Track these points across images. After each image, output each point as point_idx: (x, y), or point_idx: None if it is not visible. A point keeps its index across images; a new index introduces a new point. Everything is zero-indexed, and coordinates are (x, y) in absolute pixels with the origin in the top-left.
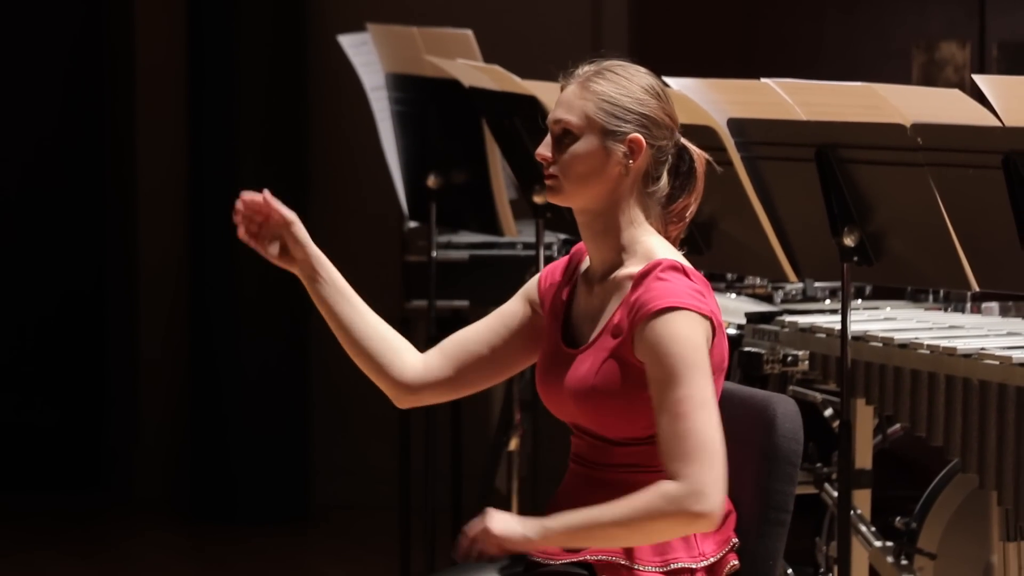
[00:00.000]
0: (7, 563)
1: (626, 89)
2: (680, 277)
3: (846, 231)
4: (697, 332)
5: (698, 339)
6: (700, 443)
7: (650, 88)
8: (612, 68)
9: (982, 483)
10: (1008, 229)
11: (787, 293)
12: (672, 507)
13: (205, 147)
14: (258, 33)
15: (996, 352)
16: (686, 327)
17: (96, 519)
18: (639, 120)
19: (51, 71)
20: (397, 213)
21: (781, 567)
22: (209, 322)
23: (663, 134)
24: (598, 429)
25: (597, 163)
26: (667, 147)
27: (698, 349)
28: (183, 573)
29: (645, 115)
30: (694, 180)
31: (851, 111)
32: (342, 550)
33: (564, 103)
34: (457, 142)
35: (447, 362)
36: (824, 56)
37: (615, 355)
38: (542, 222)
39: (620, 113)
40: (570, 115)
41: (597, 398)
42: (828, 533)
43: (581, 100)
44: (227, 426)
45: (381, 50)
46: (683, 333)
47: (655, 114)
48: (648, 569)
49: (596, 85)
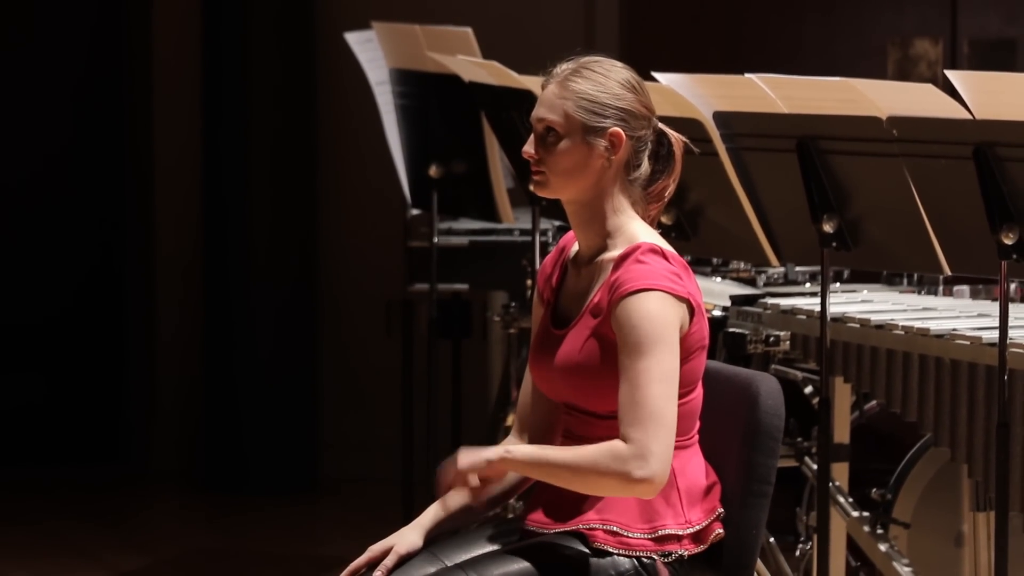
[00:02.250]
0: (34, 531)
1: (603, 86)
2: (659, 260)
3: (825, 218)
4: (667, 312)
5: (667, 318)
6: (653, 413)
7: (626, 82)
8: (589, 65)
9: (953, 456)
10: (978, 216)
11: (769, 277)
12: (616, 465)
13: (219, 139)
14: (269, 30)
15: (967, 333)
16: (656, 306)
17: (115, 490)
18: (618, 114)
19: (71, 64)
20: (401, 201)
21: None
22: (223, 304)
23: (641, 124)
24: (584, 404)
25: (580, 158)
26: (646, 136)
27: (666, 327)
28: (197, 541)
29: (623, 109)
30: (673, 163)
31: (830, 105)
32: (349, 520)
33: (546, 102)
34: (457, 134)
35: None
36: (804, 53)
37: (596, 334)
38: (538, 209)
39: (599, 109)
40: (552, 114)
41: (582, 374)
42: (808, 504)
43: (561, 100)
44: (240, 402)
45: (385, 47)
46: (653, 311)
47: (632, 107)
48: (637, 536)
49: (574, 84)
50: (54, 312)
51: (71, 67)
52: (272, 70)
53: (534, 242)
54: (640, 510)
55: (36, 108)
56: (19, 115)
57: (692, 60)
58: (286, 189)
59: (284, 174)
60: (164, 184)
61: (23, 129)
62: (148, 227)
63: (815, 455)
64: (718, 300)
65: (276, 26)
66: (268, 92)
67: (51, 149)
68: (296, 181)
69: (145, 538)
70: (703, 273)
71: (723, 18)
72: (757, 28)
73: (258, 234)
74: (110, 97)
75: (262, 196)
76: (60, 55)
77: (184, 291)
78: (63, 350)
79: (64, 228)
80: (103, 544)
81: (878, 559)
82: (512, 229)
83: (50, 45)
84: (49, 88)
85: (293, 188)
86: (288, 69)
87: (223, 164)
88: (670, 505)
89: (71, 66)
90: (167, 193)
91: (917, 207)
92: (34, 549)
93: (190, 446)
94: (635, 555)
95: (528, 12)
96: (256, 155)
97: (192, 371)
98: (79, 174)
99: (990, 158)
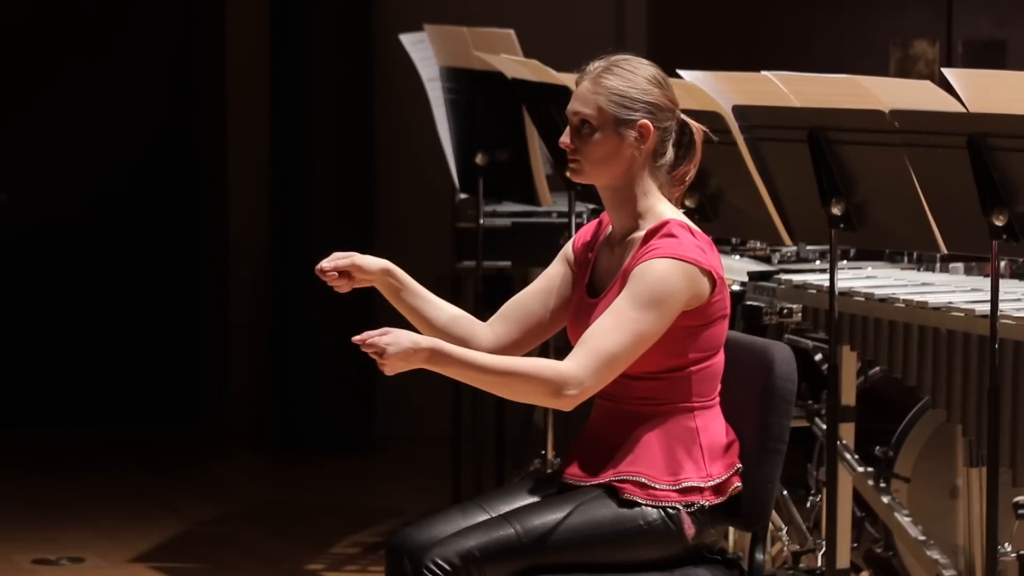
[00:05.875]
0: (117, 484)
1: (632, 82)
2: (687, 234)
3: (833, 202)
4: (680, 284)
5: (678, 288)
6: (610, 352)
7: (653, 78)
8: (619, 63)
9: (949, 417)
10: (972, 200)
11: (783, 255)
12: (550, 374)
13: (286, 134)
14: (331, 34)
15: (961, 305)
16: (675, 276)
17: (191, 446)
18: (646, 108)
19: (152, 72)
20: (449, 186)
21: (778, 488)
22: (288, 286)
23: (667, 116)
24: None
25: (612, 148)
26: (671, 127)
27: (672, 296)
28: (265, 493)
29: (650, 103)
30: (694, 149)
31: (838, 99)
32: (401, 475)
33: (580, 97)
34: (501, 125)
35: (512, 326)
36: (814, 52)
37: None
38: (573, 194)
39: (629, 103)
40: (586, 108)
41: None
42: (818, 460)
43: (594, 95)
44: (302, 369)
45: (436, 47)
46: (670, 278)
47: (659, 100)
48: (663, 488)
49: (606, 80)
50: (144, 299)
51: (154, 73)
52: (333, 71)
53: (570, 223)
54: (666, 464)
55: (123, 118)
56: (110, 120)
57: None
58: (346, 177)
59: (344, 163)
60: (236, 188)
61: (114, 133)
62: (222, 225)
63: (824, 416)
64: (736, 276)
65: (336, 30)
66: (330, 91)
67: (137, 151)
68: (355, 169)
69: (218, 490)
70: (723, 251)
71: (741, 21)
72: (772, 30)
73: (320, 216)
74: (188, 107)
75: (324, 183)
76: (144, 62)
77: (254, 277)
78: (151, 330)
79: (150, 229)
80: (181, 495)
81: (881, 510)
82: (550, 211)
83: (135, 54)
84: (135, 92)
85: (352, 175)
86: (348, 70)
87: (289, 156)
88: (693, 460)
89: (154, 72)
90: (239, 183)
91: (916, 192)
92: (120, 499)
93: (260, 408)
94: (661, 505)
95: (565, 15)
96: (319, 146)
97: (262, 339)
98: (160, 180)
99: (982, 148)
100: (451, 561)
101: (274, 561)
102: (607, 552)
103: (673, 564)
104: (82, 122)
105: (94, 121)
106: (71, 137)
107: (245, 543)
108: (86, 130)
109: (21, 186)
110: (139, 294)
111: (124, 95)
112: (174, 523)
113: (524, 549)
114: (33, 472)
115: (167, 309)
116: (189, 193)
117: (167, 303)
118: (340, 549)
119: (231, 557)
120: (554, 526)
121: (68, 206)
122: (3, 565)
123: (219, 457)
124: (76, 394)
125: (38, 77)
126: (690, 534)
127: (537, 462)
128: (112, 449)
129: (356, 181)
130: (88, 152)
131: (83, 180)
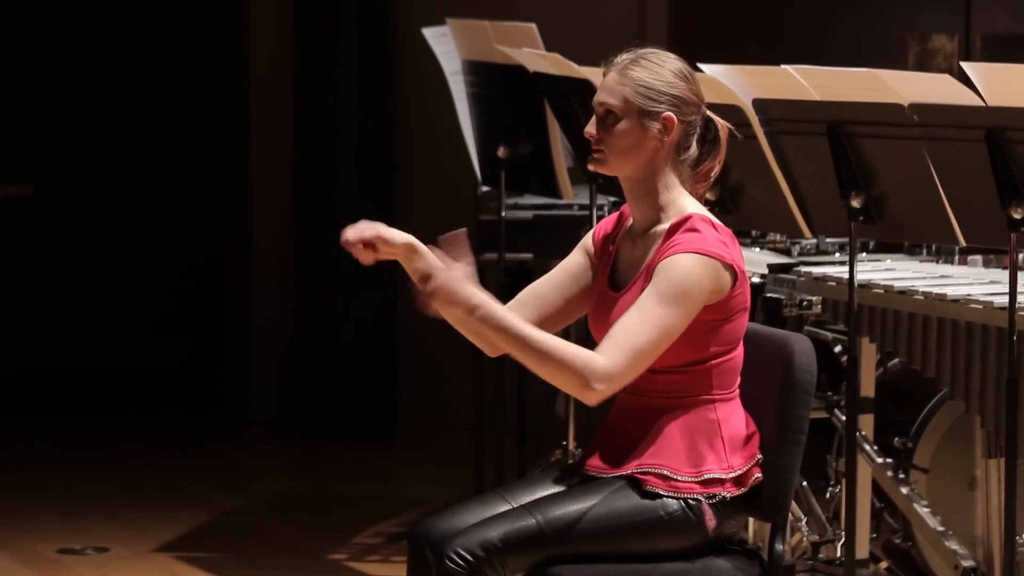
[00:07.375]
0: (142, 472)
1: (658, 74)
2: (709, 228)
3: (853, 195)
4: (704, 278)
5: (702, 283)
6: (639, 347)
7: (679, 72)
8: (646, 56)
9: (968, 408)
10: (990, 193)
11: (803, 247)
12: (583, 370)
13: (309, 128)
14: (354, 28)
15: (980, 298)
16: (699, 270)
17: (216, 436)
18: (671, 101)
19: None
20: (472, 179)
21: (797, 479)
22: (311, 278)
23: (692, 110)
24: None
25: (636, 139)
26: (695, 121)
27: (696, 290)
28: (288, 483)
29: (676, 96)
30: (718, 146)
31: (857, 93)
32: (423, 465)
33: (606, 88)
34: (523, 119)
35: (528, 312)
36: (833, 46)
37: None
38: (595, 187)
39: (654, 95)
40: (612, 98)
41: None
42: (837, 451)
43: (620, 85)
44: (326, 360)
45: (458, 40)
46: (696, 273)
47: (684, 94)
48: (685, 479)
49: (633, 72)
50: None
51: (179, 67)
52: (356, 65)
53: (591, 216)
54: (688, 456)
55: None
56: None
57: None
58: (369, 169)
59: (367, 156)
60: (261, 169)
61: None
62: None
63: (844, 407)
64: (757, 268)
65: (359, 24)
66: (353, 85)
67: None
68: (378, 162)
69: (242, 480)
70: (743, 244)
71: (761, 16)
72: (791, 24)
73: (343, 207)
74: (212, 102)
75: (347, 174)
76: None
77: (277, 269)
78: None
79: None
80: (205, 485)
81: (900, 501)
82: (571, 204)
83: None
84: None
85: (375, 168)
86: (371, 64)
87: (313, 149)
88: (715, 452)
89: (179, 66)
90: (263, 176)
91: (935, 185)
92: (144, 489)
93: (284, 399)
94: (683, 497)
95: (586, 9)
96: (342, 139)
97: (286, 330)
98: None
99: (1001, 141)
100: (473, 551)
101: (297, 551)
102: (628, 543)
103: (694, 555)
104: (107, 115)
105: (119, 113)
106: (96, 130)
107: (268, 533)
108: (111, 122)
109: (46, 179)
110: (164, 285)
111: (149, 89)
112: (198, 513)
113: (546, 539)
114: (57, 462)
115: (192, 300)
116: (214, 185)
117: (192, 294)
118: (363, 539)
119: (254, 547)
120: (576, 517)
121: (92, 199)
122: (29, 554)
123: (243, 447)
124: (101, 385)
125: (63, 71)
126: (711, 525)
127: (559, 453)
128: (137, 439)
129: (379, 174)
130: (112, 144)
131: (108, 173)
